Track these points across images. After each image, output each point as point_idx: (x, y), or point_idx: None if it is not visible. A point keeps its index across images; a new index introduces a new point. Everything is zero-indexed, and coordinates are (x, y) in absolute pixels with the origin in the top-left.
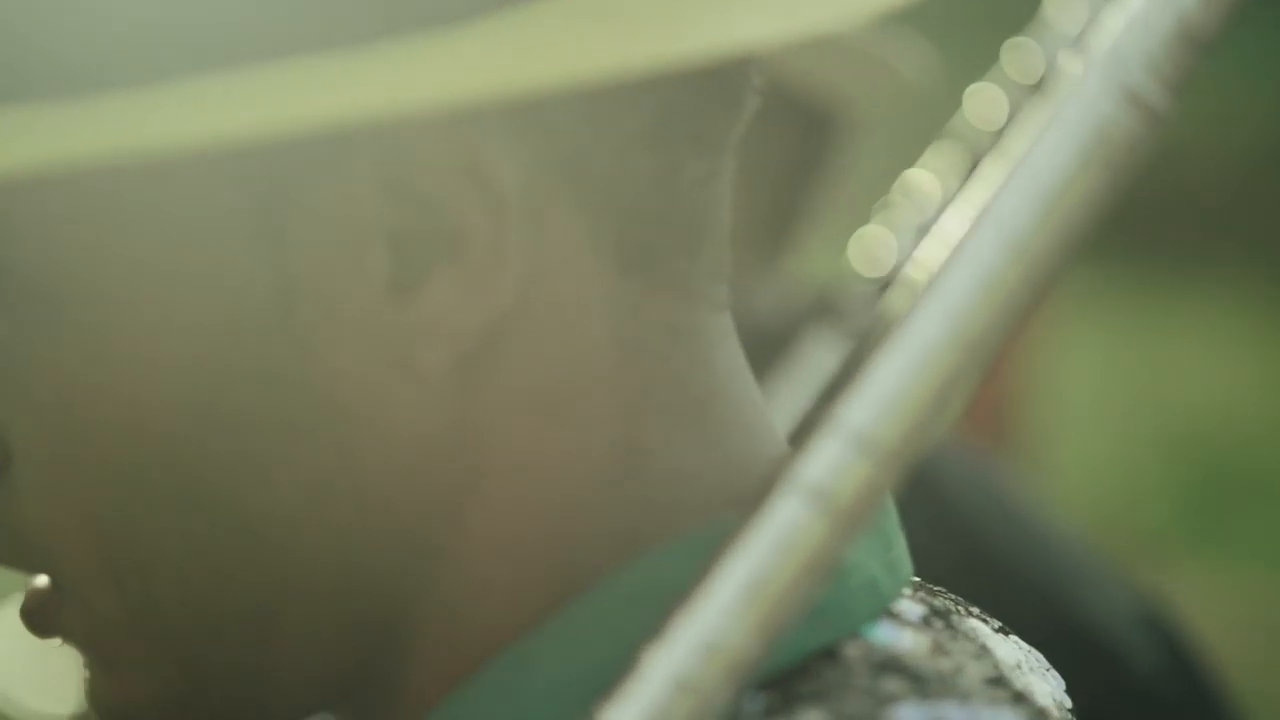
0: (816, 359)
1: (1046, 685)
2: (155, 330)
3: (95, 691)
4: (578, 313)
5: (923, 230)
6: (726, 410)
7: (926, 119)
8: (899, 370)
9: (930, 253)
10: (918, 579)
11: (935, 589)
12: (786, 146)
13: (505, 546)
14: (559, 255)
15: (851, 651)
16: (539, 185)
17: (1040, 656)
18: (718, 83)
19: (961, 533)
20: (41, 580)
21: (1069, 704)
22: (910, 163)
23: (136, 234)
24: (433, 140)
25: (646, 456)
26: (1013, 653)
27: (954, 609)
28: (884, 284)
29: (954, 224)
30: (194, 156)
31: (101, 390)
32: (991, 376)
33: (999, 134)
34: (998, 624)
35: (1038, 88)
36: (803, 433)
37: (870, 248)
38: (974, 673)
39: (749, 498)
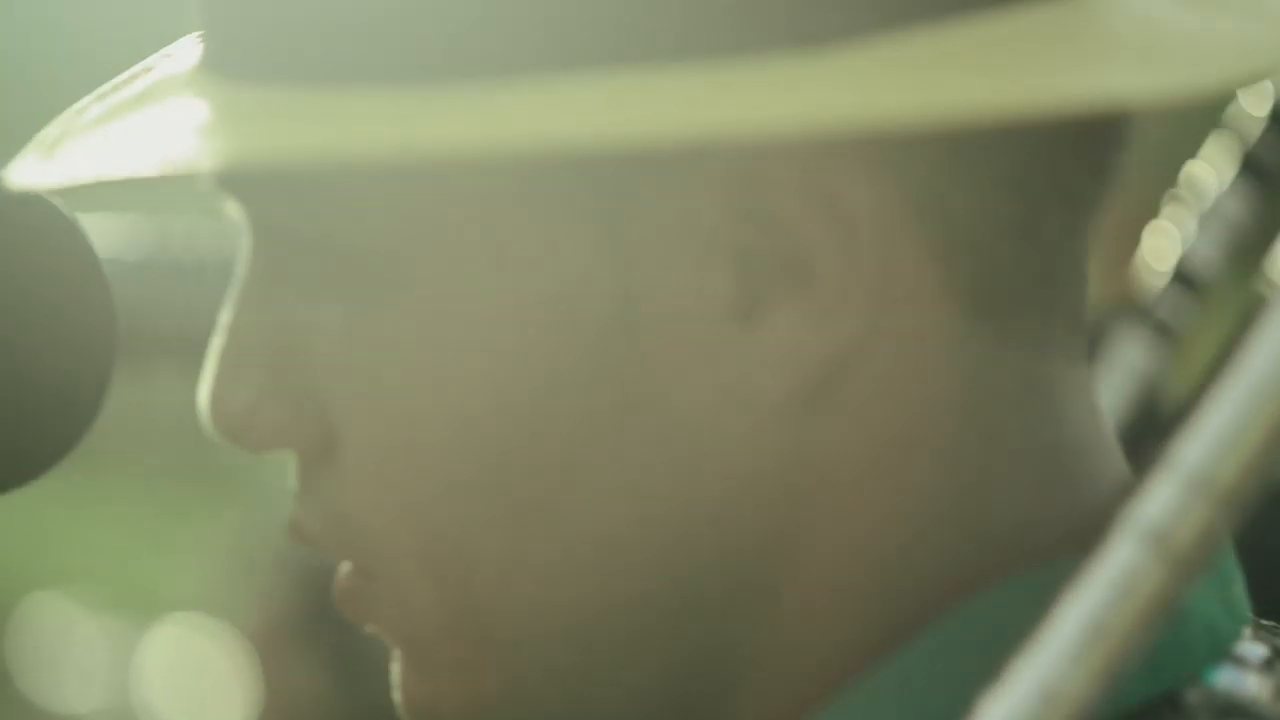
0: (1125, 355)
1: None
2: (494, 326)
3: (405, 689)
4: (923, 353)
5: (1206, 221)
6: (1075, 462)
7: (1203, 110)
8: (1235, 408)
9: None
10: (1257, 618)
11: (1275, 627)
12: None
13: (839, 586)
14: (907, 294)
15: (1193, 698)
16: (891, 221)
17: None
18: (1089, 136)
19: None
20: (347, 567)
21: None
22: (1188, 156)
23: (483, 227)
24: (788, 164)
25: (985, 503)
26: None
27: None
28: (1179, 277)
29: None
30: (551, 155)
31: (433, 383)
32: None
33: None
34: None
35: None
36: (1140, 472)
37: (1161, 242)
38: None
39: (1087, 541)
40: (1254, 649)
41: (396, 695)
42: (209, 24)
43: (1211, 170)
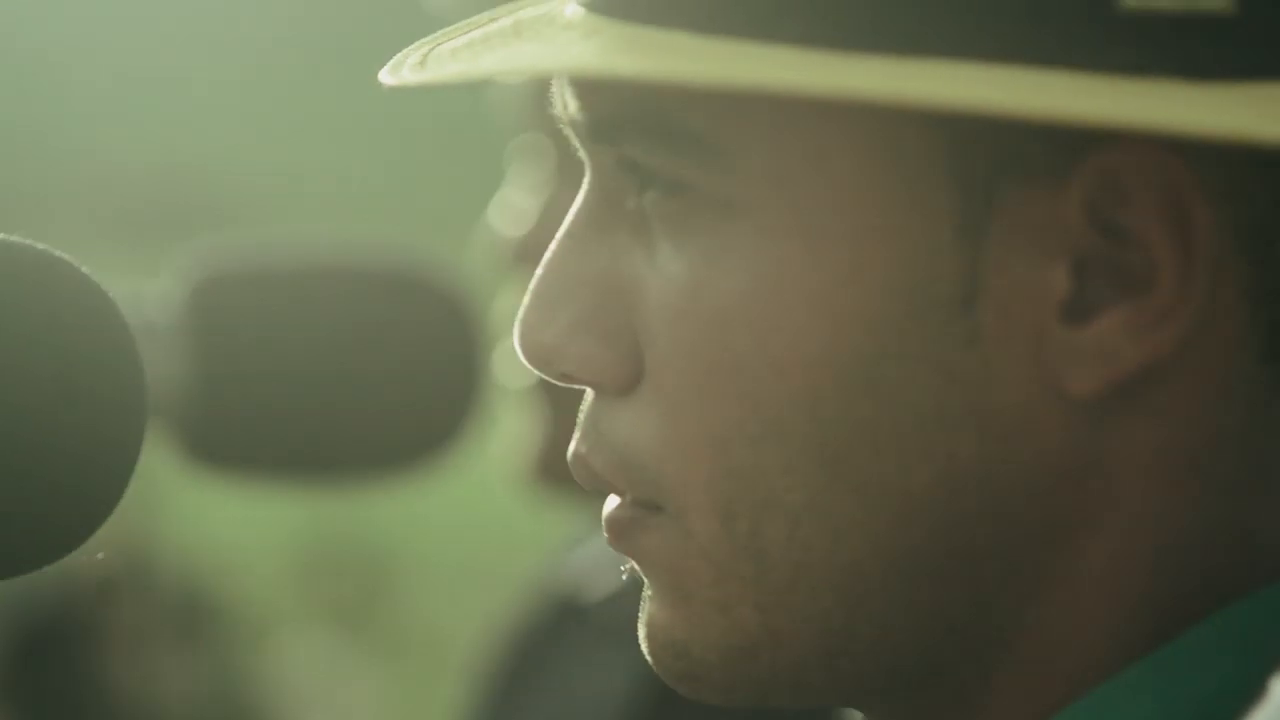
0: None
1: None
2: (837, 285)
3: (656, 623)
4: (1219, 380)
5: None
6: None
7: None
8: None
9: None
10: None
11: None
12: None
13: (1110, 582)
14: (1220, 323)
15: None
16: (1226, 252)
17: None
18: None
19: None
20: (618, 500)
21: None
22: None
23: (849, 190)
24: (1148, 176)
25: (1254, 523)
26: None
27: None
28: None
29: None
30: (941, 130)
31: (764, 332)
32: None
33: None
34: None
35: None
36: None
37: None
38: None
39: None
40: None
41: (642, 633)
42: None
43: None
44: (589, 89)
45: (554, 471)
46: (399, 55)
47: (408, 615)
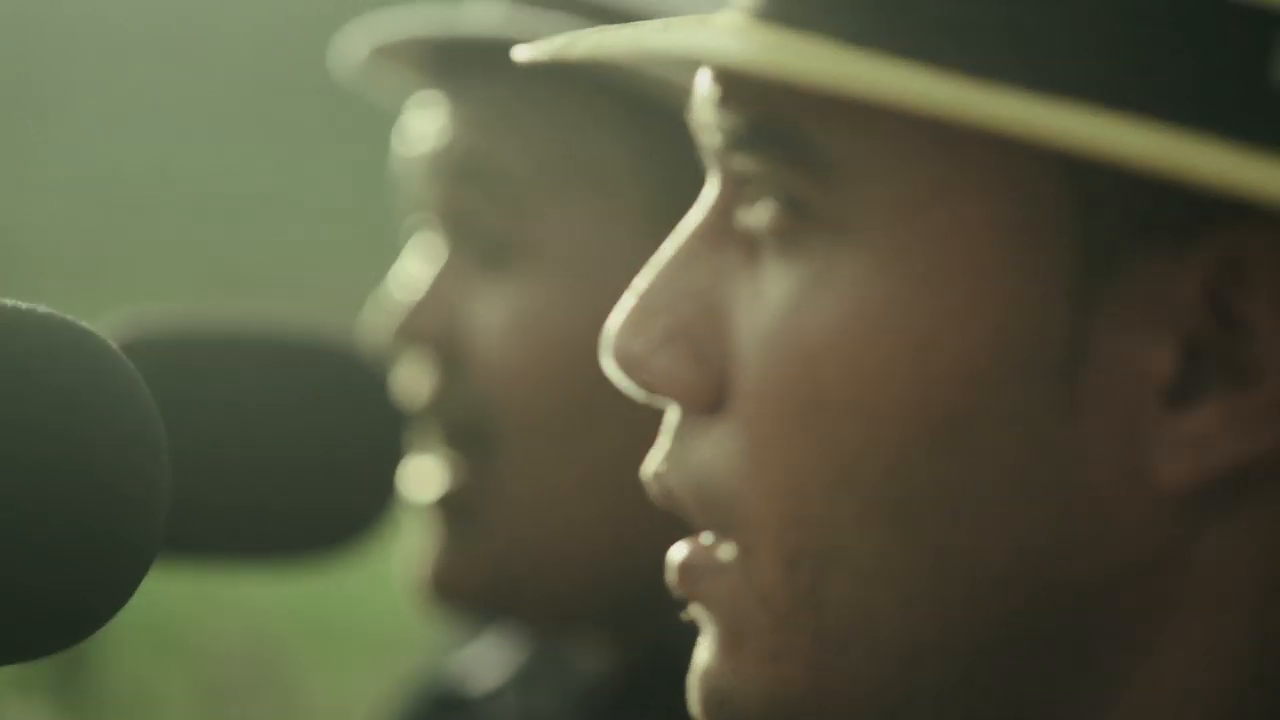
0: None
1: None
2: (943, 328)
3: (704, 669)
4: None
5: None
6: None
7: None
8: None
9: None
10: None
11: None
12: None
13: (1194, 695)
14: None
15: None
16: None
17: None
18: None
19: None
20: (705, 539)
21: None
22: None
23: (970, 233)
24: (1270, 262)
25: None
26: None
27: None
28: None
29: None
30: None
31: (861, 367)
32: None
33: None
34: None
35: None
36: None
37: None
38: None
39: None
40: None
41: (691, 680)
42: None
43: None
44: (733, 91)
45: (446, 591)
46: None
47: (116, 680)
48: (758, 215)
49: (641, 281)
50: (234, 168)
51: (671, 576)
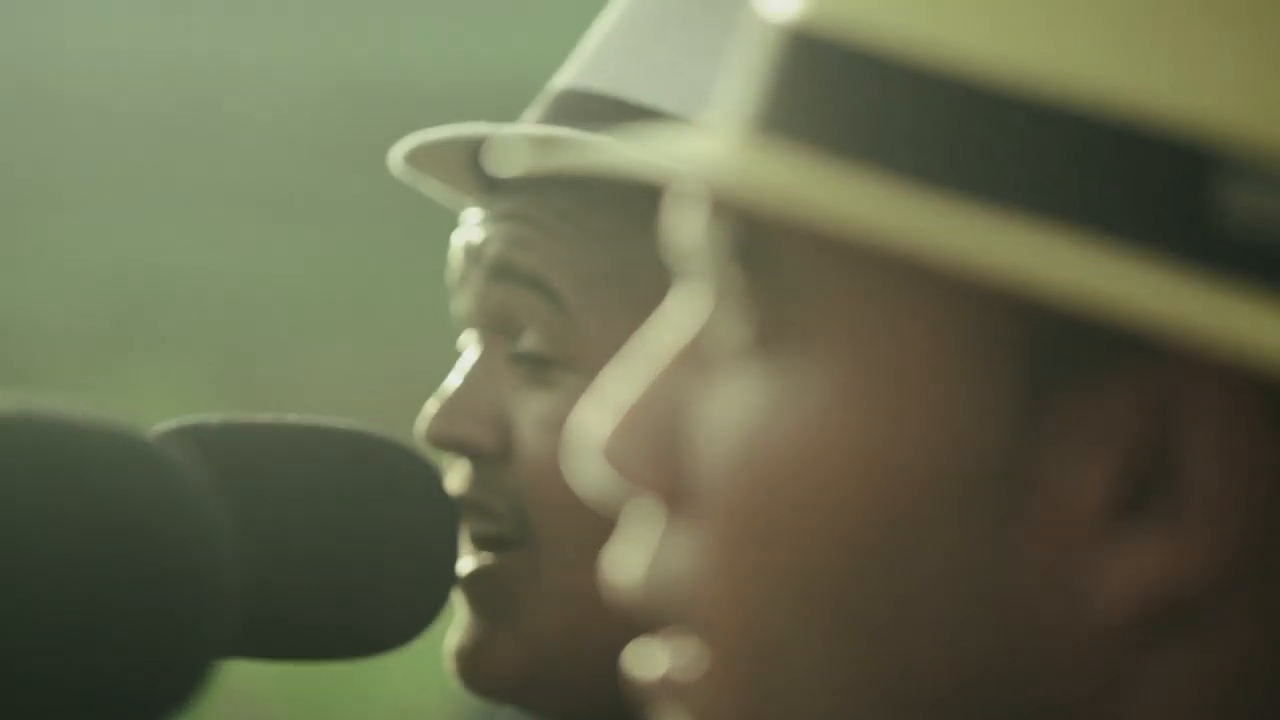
0: None
1: None
2: (893, 443)
3: None
4: (1273, 629)
5: None
6: None
7: None
8: None
9: None
10: None
11: None
12: None
13: None
14: (1275, 571)
15: None
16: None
17: None
18: None
19: None
20: (670, 649)
21: None
22: None
23: (917, 350)
24: (1213, 399)
25: None
26: None
27: None
28: None
29: None
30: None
31: (815, 476)
32: None
33: None
34: None
35: None
36: None
37: None
38: None
39: None
40: None
41: None
42: (776, 86)
43: None
44: (722, 207)
45: (470, 677)
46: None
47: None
48: (736, 329)
49: (638, 394)
50: (250, 255)
51: (644, 687)
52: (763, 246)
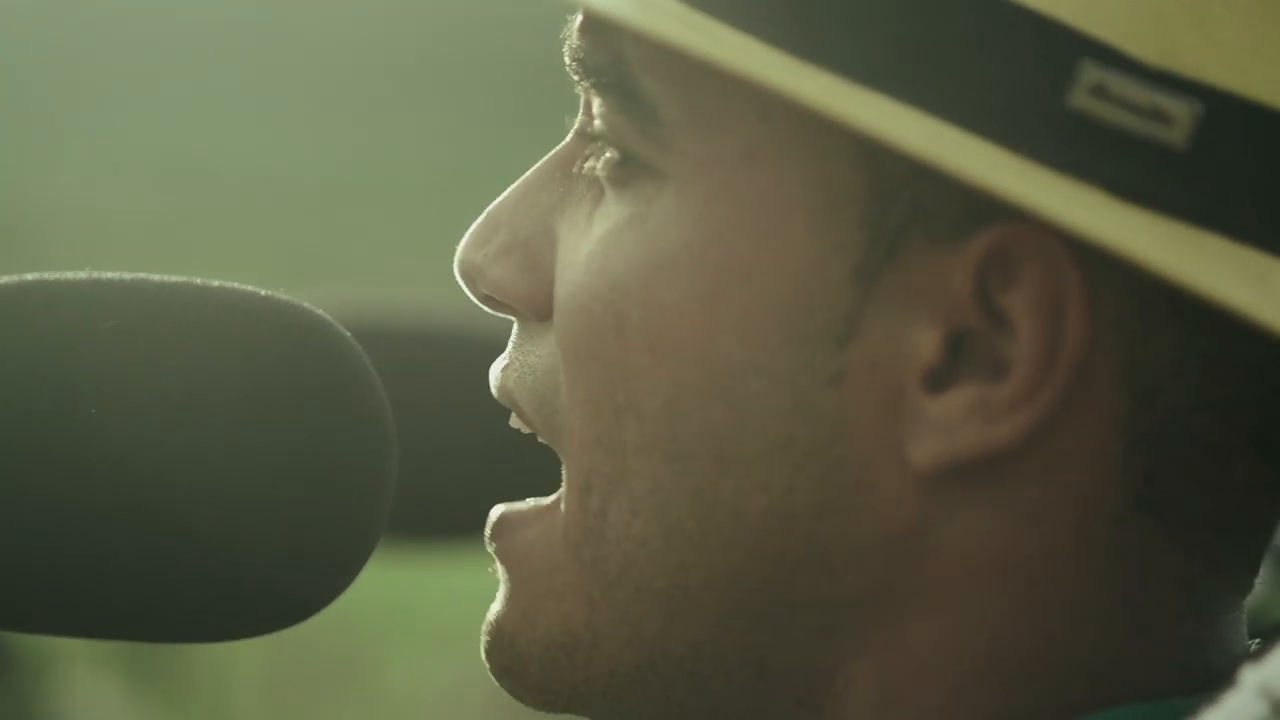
0: None
1: None
2: (729, 281)
3: (495, 616)
4: (1083, 504)
5: None
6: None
7: None
8: None
9: None
10: None
11: None
12: None
13: (934, 674)
14: (1086, 445)
15: None
16: (1102, 373)
17: None
18: None
19: None
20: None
21: None
22: None
23: (772, 191)
24: (1036, 264)
25: (1108, 668)
26: None
27: None
28: None
29: None
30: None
31: (654, 307)
32: None
33: None
34: None
35: None
36: (1269, 642)
37: None
38: None
39: (1199, 686)
40: None
41: (483, 630)
42: None
43: None
44: (585, 26)
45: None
46: None
47: (191, 657)
48: (601, 156)
49: (498, 199)
50: (303, 149)
51: (489, 535)
52: (627, 82)
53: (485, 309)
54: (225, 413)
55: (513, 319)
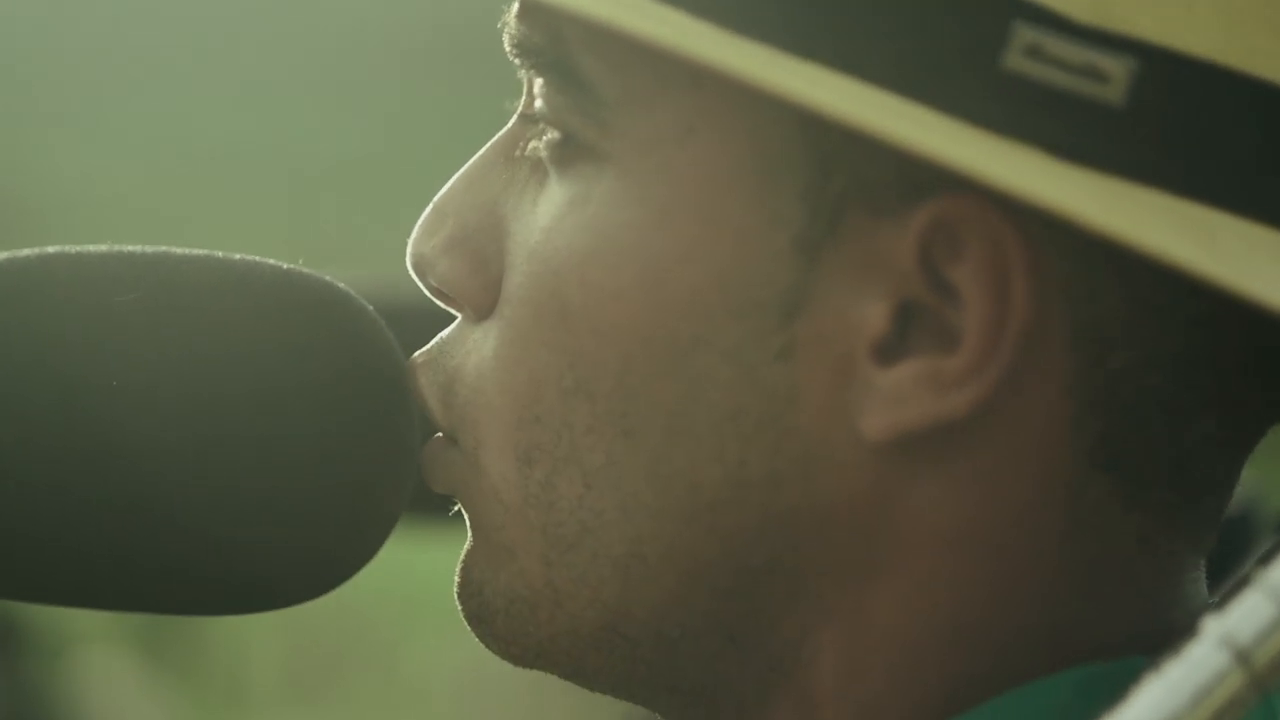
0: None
1: None
2: (673, 259)
3: (467, 554)
4: (1038, 467)
5: None
6: (1155, 615)
7: None
8: None
9: None
10: None
11: None
12: None
13: (898, 639)
14: (1039, 410)
15: None
16: (1052, 337)
17: None
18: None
19: None
20: (440, 436)
21: None
22: None
23: (711, 166)
24: (979, 234)
25: (1067, 627)
26: None
27: None
28: None
29: None
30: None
31: (599, 288)
32: None
33: None
34: None
35: None
36: (1231, 593)
37: None
38: None
39: (1161, 644)
40: None
41: (458, 565)
42: None
43: None
44: (522, 9)
45: None
46: None
47: (207, 637)
48: (543, 139)
49: (445, 188)
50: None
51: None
52: (570, 55)
53: (437, 302)
54: (248, 383)
55: (459, 314)
